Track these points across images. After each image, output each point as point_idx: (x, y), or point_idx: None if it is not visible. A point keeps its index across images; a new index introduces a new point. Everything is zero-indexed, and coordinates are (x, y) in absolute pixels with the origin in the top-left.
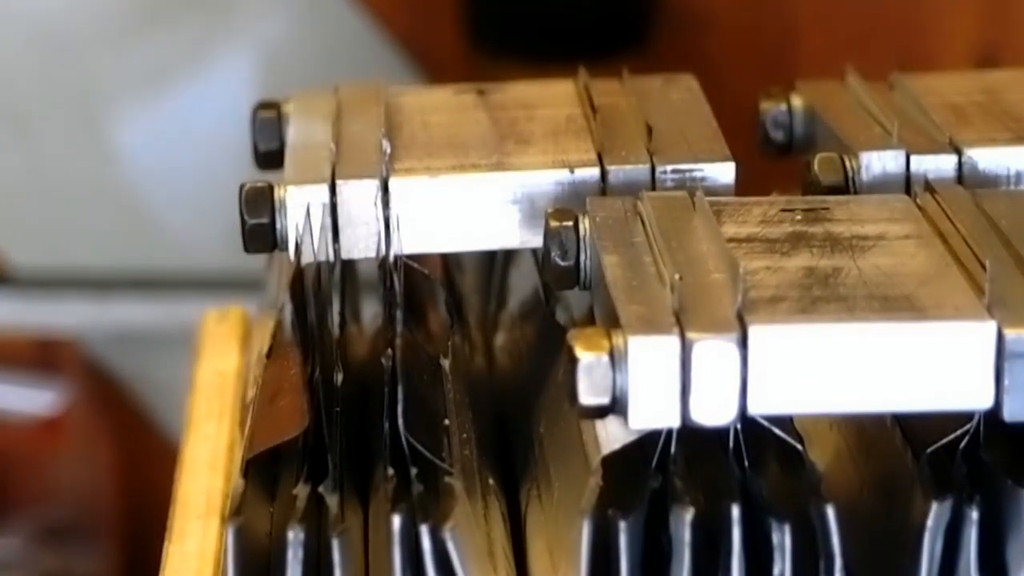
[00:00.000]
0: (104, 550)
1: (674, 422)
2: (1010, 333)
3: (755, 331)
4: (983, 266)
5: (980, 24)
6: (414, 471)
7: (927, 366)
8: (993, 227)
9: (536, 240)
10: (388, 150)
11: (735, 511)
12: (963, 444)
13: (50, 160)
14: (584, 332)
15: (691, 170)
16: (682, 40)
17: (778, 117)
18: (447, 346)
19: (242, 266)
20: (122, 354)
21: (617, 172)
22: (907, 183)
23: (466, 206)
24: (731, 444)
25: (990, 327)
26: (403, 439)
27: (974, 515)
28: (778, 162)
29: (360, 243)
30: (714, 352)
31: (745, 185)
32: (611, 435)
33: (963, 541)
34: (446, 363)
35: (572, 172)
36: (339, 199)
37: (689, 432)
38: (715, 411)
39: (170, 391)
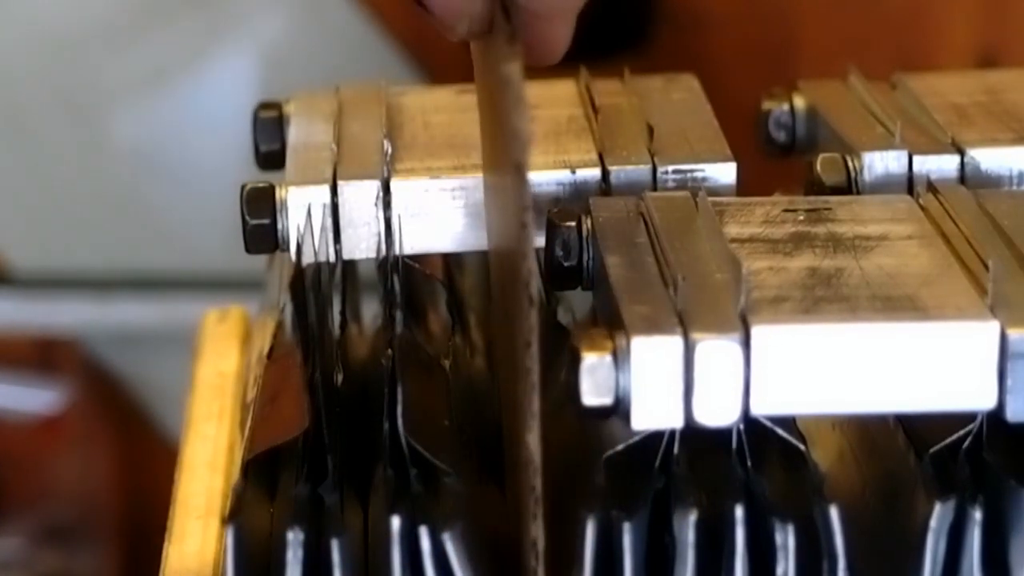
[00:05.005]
0: (104, 550)
1: (677, 423)
2: (1013, 333)
3: (758, 331)
4: (986, 266)
5: (980, 24)
6: (414, 471)
7: (930, 366)
8: (996, 227)
9: (538, 240)
10: (389, 150)
11: (738, 511)
12: (966, 444)
13: (50, 160)
14: (587, 332)
15: (693, 170)
16: (682, 40)
17: (780, 117)
18: (447, 346)
19: (242, 266)
20: (122, 354)
21: (619, 172)
22: (910, 183)
23: (467, 206)
24: (734, 445)
25: (993, 327)
26: (403, 439)
27: (977, 515)
28: (780, 162)
29: (361, 243)
30: (717, 352)
31: (747, 185)
32: (614, 435)
33: (966, 541)
34: (446, 363)
35: (573, 172)
36: (340, 199)
37: (692, 432)
38: (718, 412)
39: (170, 391)
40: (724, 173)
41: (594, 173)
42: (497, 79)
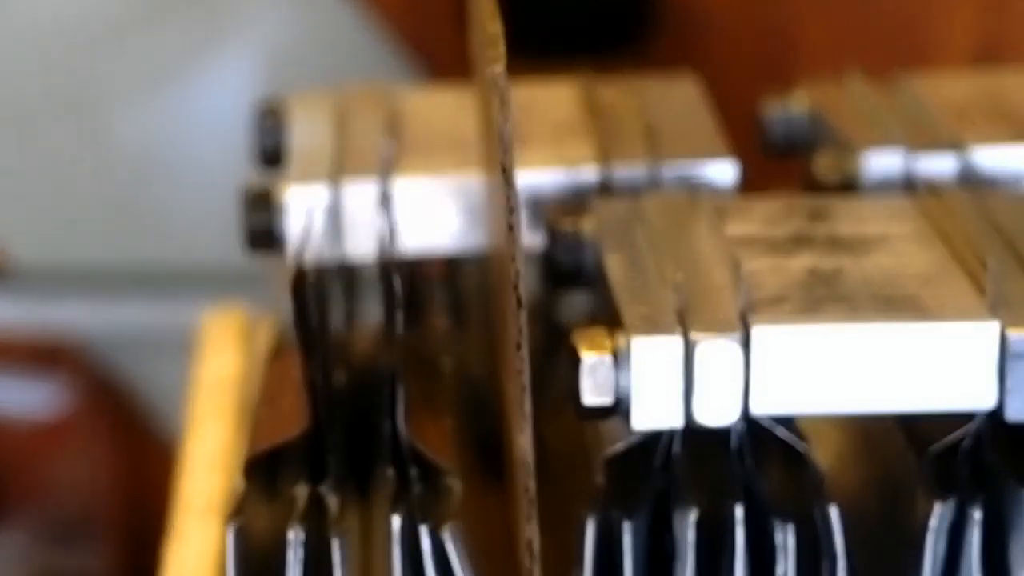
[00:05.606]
0: (104, 550)
1: (677, 422)
2: (1013, 333)
3: (758, 331)
4: (985, 267)
5: (980, 24)
6: (414, 471)
7: (930, 366)
8: (996, 227)
9: (538, 240)
10: (390, 151)
11: (738, 511)
12: (966, 444)
13: (51, 159)
14: (587, 332)
15: (693, 170)
16: (682, 40)
17: (780, 117)
18: (447, 346)
19: (243, 266)
20: (123, 354)
21: (619, 172)
22: (909, 183)
23: (467, 206)
24: (734, 445)
25: (993, 327)
26: (403, 439)
27: (977, 515)
28: (780, 162)
29: (361, 243)
30: (717, 352)
31: (747, 185)
32: (614, 435)
33: (966, 541)
34: (446, 363)
35: (574, 172)
36: (340, 199)
37: (692, 432)
38: (718, 411)
39: (170, 391)
40: (724, 173)
41: (594, 173)
42: (483, 81)
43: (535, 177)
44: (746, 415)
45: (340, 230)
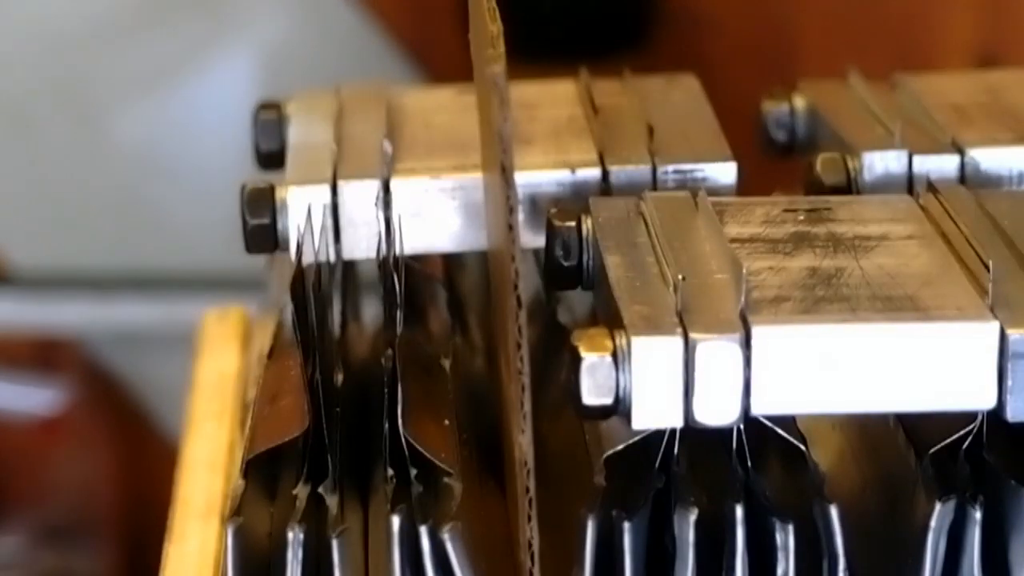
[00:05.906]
0: (104, 550)
1: (677, 422)
2: (1013, 333)
3: (758, 331)
4: (986, 266)
5: (980, 24)
6: (414, 471)
7: (930, 366)
8: (996, 227)
9: (538, 240)
10: (389, 150)
11: (739, 511)
12: (966, 444)
13: (51, 160)
14: (587, 332)
15: (693, 170)
16: (682, 40)
17: (780, 117)
18: (447, 346)
19: (242, 266)
20: (122, 354)
21: (619, 172)
22: (909, 183)
23: (467, 206)
24: (734, 444)
25: (993, 328)
26: (403, 439)
27: (977, 515)
28: (780, 162)
29: (361, 243)
30: (717, 352)
31: (747, 185)
32: (614, 435)
33: (966, 541)
34: (446, 363)
35: (574, 172)
36: (340, 199)
37: (692, 432)
38: (718, 411)
39: (170, 391)
40: (724, 173)
41: (594, 173)
42: (484, 81)
43: (535, 177)
44: (746, 415)
45: (339, 230)
